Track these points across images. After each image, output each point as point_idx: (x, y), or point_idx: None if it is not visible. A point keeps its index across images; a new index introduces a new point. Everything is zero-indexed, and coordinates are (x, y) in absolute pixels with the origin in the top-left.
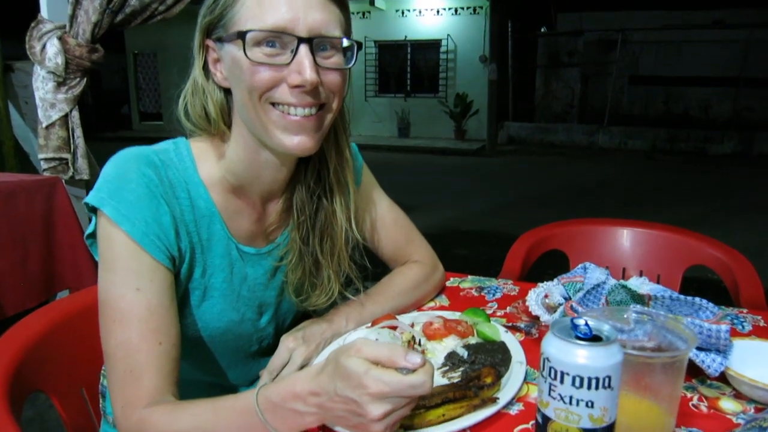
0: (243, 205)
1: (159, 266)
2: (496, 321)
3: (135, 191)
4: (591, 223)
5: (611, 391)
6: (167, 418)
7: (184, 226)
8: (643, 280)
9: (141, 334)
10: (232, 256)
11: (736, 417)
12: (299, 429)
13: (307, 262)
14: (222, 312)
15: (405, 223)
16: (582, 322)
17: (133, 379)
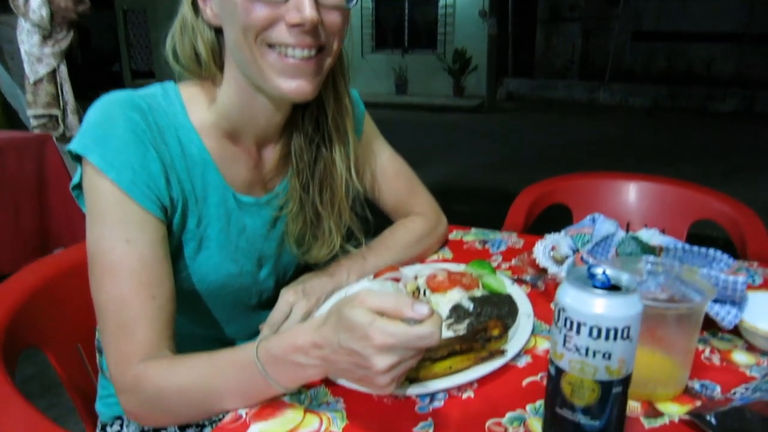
0: (238, 152)
1: (149, 216)
2: (502, 274)
3: (121, 137)
4: (595, 176)
5: (630, 342)
6: (164, 373)
7: (175, 174)
8: (653, 231)
9: (133, 288)
10: (229, 205)
11: (750, 370)
12: (301, 382)
13: (307, 212)
14: (219, 264)
15: (408, 174)
16: (600, 270)
17: (126, 334)
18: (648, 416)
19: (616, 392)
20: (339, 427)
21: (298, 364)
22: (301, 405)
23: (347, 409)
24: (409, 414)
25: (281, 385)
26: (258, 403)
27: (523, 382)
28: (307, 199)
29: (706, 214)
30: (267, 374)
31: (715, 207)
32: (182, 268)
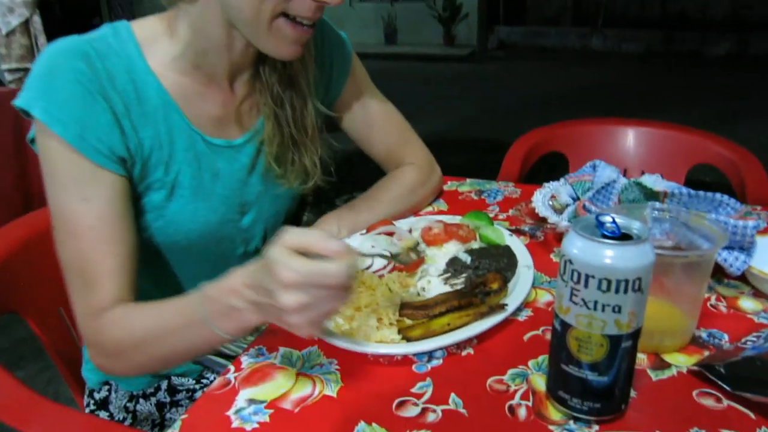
0: (204, 89)
1: (103, 172)
2: (499, 224)
3: (64, 88)
4: (592, 123)
5: (641, 294)
6: (120, 323)
7: (130, 121)
8: (657, 177)
9: (92, 245)
10: (198, 149)
11: (758, 316)
12: (240, 327)
13: (284, 130)
14: (195, 212)
15: (399, 121)
16: (608, 218)
17: (89, 290)
18: (655, 368)
19: (625, 346)
20: (334, 390)
21: (235, 307)
22: (293, 368)
23: (342, 371)
24: (406, 374)
25: (222, 330)
26: (247, 367)
27: (525, 337)
28: (281, 116)
29: (705, 158)
30: (208, 319)
31: (713, 150)
32: (157, 218)
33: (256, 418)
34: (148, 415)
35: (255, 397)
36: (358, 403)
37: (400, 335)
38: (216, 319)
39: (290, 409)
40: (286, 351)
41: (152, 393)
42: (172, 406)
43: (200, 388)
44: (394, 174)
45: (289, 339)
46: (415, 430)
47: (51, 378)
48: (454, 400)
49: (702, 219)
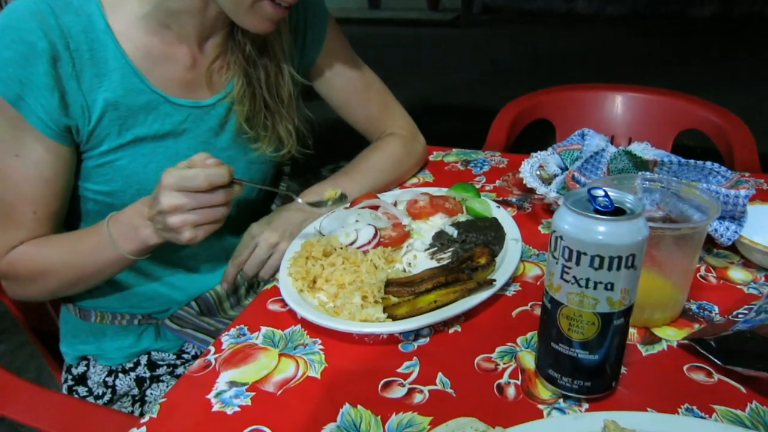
0: (172, 50)
1: (41, 136)
2: (486, 196)
3: (10, 47)
4: (578, 89)
5: (634, 271)
6: (33, 253)
7: (78, 83)
8: (645, 144)
9: (16, 198)
10: (161, 110)
11: (747, 287)
12: (142, 245)
13: (257, 93)
14: (159, 171)
15: (379, 88)
16: (601, 192)
17: (4, 230)
18: (645, 343)
19: (617, 324)
20: (317, 371)
21: (134, 225)
22: (275, 348)
23: (325, 351)
24: (392, 353)
25: (125, 249)
26: (228, 348)
27: (513, 313)
28: (254, 77)
29: (692, 123)
30: (112, 239)
31: (701, 115)
32: (116, 179)
33: (237, 401)
34: (128, 390)
35: (236, 380)
36: (342, 385)
37: (386, 313)
38: (120, 239)
39: (272, 392)
40: (268, 331)
41: (131, 368)
42: (153, 381)
43: (181, 363)
44: (376, 145)
45: (272, 318)
46: (401, 411)
47: (33, 352)
48: (442, 380)
49: (693, 189)
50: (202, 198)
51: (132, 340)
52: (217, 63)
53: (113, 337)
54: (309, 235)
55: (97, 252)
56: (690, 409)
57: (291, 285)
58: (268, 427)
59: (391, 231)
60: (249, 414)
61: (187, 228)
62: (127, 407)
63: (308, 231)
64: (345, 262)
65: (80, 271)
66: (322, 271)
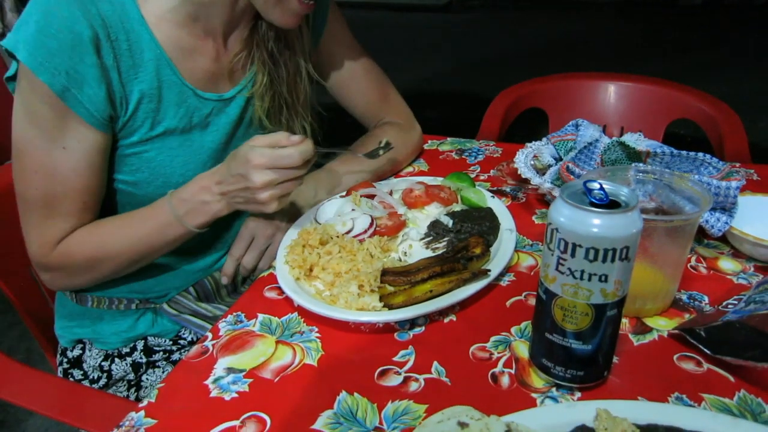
0: (198, 42)
1: (87, 127)
2: (480, 186)
3: (56, 37)
4: (571, 78)
5: (628, 263)
6: (90, 239)
7: (118, 74)
8: (638, 135)
9: (65, 192)
10: (190, 104)
11: (737, 277)
12: (208, 218)
13: (276, 89)
14: (185, 164)
15: (378, 75)
16: (596, 185)
17: (53, 223)
18: (636, 333)
19: (610, 315)
20: (314, 358)
21: (204, 201)
22: (272, 336)
23: (322, 339)
24: (388, 342)
25: (193, 224)
26: (225, 335)
27: (507, 303)
28: (275, 74)
29: (684, 113)
30: (179, 217)
31: (693, 105)
32: (143, 170)
33: (234, 387)
34: (124, 375)
35: (233, 366)
36: (339, 372)
37: (382, 302)
38: (187, 215)
39: (270, 379)
40: (265, 318)
41: (128, 353)
42: (149, 366)
43: (177, 349)
44: (373, 132)
45: (269, 306)
46: (397, 399)
47: (23, 333)
48: (437, 369)
49: (685, 181)
50: (290, 172)
51: (129, 324)
52: (239, 57)
53: (110, 321)
54: (305, 224)
55: (163, 230)
56: (680, 398)
57: (288, 273)
58: (265, 414)
59: (387, 220)
60: (246, 400)
61: (275, 200)
62: (123, 392)
63: (304, 220)
64: (341, 251)
65: (146, 251)
66: (318, 259)
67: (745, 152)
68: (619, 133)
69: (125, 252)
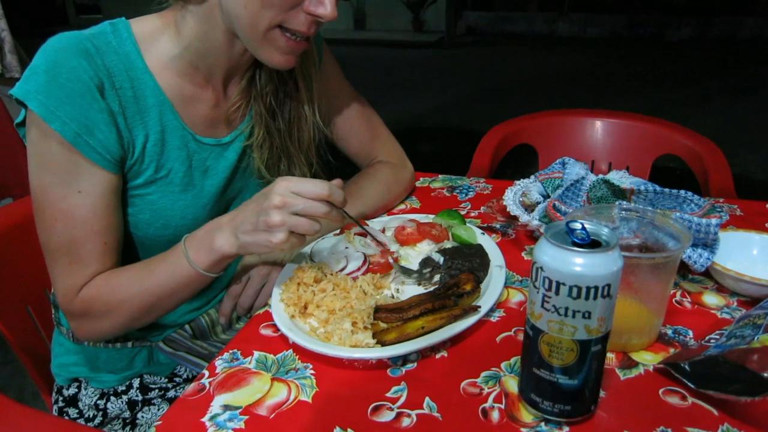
0: (199, 90)
1: (99, 170)
2: (471, 222)
3: (65, 86)
4: (559, 114)
5: (610, 300)
6: (107, 288)
7: (125, 121)
8: (623, 173)
9: (85, 234)
10: (190, 148)
11: (720, 312)
12: (215, 255)
13: (275, 140)
14: (185, 208)
15: (371, 116)
16: (578, 226)
17: (77, 269)
18: (623, 367)
19: (595, 350)
20: (309, 395)
21: (211, 232)
22: (268, 373)
23: (317, 376)
24: (381, 378)
25: (198, 263)
26: (222, 372)
27: (497, 338)
28: (273, 126)
29: (670, 149)
30: (187, 254)
31: (678, 141)
32: (146, 211)
33: (231, 424)
34: (119, 413)
35: (230, 403)
36: (333, 409)
37: (375, 339)
38: (195, 253)
39: (265, 415)
40: (260, 355)
41: (123, 391)
42: (144, 404)
43: (173, 387)
44: (366, 171)
45: (264, 343)
46: None
47: (15, 371)
48: (429, 404)
49: (667, 219)
50: (309, 205)
51: (125, 363)
52: (236, 103)
53: (106, 360)
54: (300, 262)
55: (173, 271)
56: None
57: (283, 310)
58: None
59: (380, 258)
60: None
61: (284, 229)
62: (118, 430)
63: (299, 258)
64: (335, 289)
65: (156, 296)
66: (313, 297)
67: (730, 187)
68: (608, 168)
69: (138, 296)
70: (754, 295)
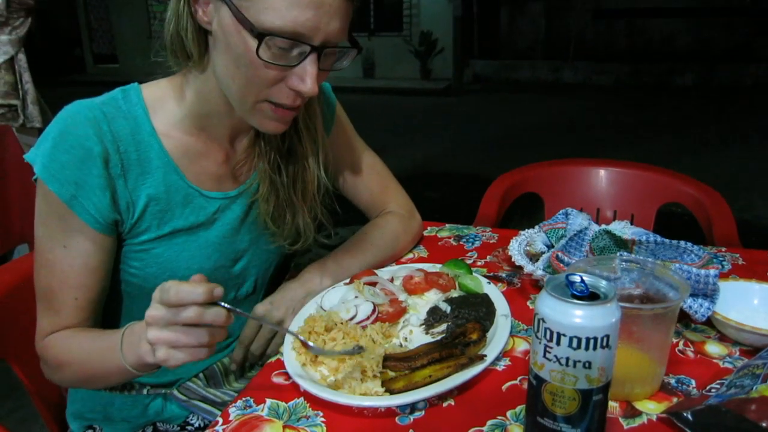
0: (208, 147)
1: (89, 230)
2: (477, 271)
3: (69, 152)
4: (565, 164)
5: (609, 350)
6: (62, 343)
7: (125, 182)
8: (625, 224)
9: (60, 286)
10: (195, 203)
11: (723, 361)
12: (137, 358)
13: (280, 194)
14: (190, 260)
15: (381, 169)
16: (577, 279)
17: (47, 315)
18: (626, 416)
19: (596, 399)
20: None
21: (140, 336)
22: (280, 420)
23: (327, 423)
24: (390, 426)
25: (126, 357)
26: (235, 420)
27: (503, 387)
28: (278, 181)
29: (674, 197)
30: (121, 345)
31: (681, 190)
32: (151, 265)
33: None
34: None
35: None
36: None
37: (384, 387)
38: (126, 348)
39: None
40: (273, 403)
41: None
42: None
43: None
44: (376, 222)
45: (276, 391)
46: None
47: (25, 417)
48: None
49: (666, 270)
50: (181, 315)
51: (139, 410)
52: (242, 158)
53: (120, 407)
54: (311, 311)
55: (107, 356)
56: None
57: (294, 359)
58: None
59: (389, 307)
60: None
61: (161, 346)
62: None
63: (310, 307)
64: (345, 337)
65: (90, 371)
66: (323, 345)
67: (733, 235)
68: (613, 216)
69: (78, 364)
70: (755, 344)
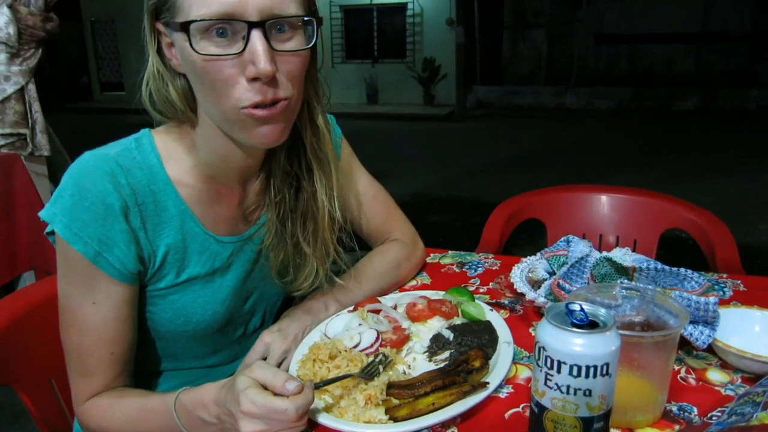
0: (221, 192)
1: (116, 283)
2: (479, 298)
3: (89, 209)
4: (567, 190)
5: (609, 378)
6: (105, 411)
7: (145, 233)
8: (626, 251)
9: (94, 343)
10: (211, 249)
11: (724, 388)
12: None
13: (287, 244)
14: (206, 305)
15: (384, 198)
16: (577, 307)
17: (83, 377)
18: None
19: (598, 427)
20: None
21: (202, 419)
22: None
23: None
24: None
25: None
26: None
27: (506, 414)
28: (285, 231)
29: (675, 224)
30: (181, 424)
31: (684, 217)
32: (166, 311)
33: None
34: None
35: None
36: None
37: (387, 415)
38: (188, 424)
39: None
40: None
41: None
42: None
43: None
44: (379, 249)
45: None
46: None
47: None
48: None
49: (666, 298)
50: (284, 424)
51: None
52: (254, 202)
53: None
54: (316, 338)
55: (151, 418)
56: None
57: None
58: None
59: (392, 334)
60: None
61: None
62: None
63: (315, 334)
64: (349, 365)
65: None
66: (328, 373)
67: (736, 261)
68: (615, 242)
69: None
70: (756, 371)
